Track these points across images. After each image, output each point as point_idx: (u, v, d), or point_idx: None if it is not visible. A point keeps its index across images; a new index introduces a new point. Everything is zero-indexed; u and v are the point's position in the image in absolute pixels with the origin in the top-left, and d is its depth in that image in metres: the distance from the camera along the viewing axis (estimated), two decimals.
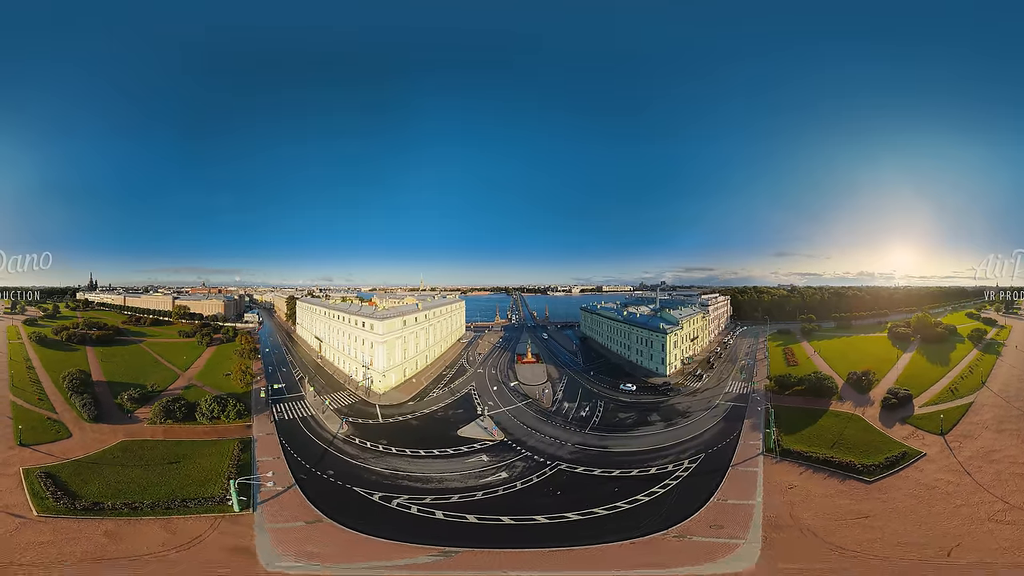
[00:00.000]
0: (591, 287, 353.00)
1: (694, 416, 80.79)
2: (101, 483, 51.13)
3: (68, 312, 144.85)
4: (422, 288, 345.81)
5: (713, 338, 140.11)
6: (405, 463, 64.07)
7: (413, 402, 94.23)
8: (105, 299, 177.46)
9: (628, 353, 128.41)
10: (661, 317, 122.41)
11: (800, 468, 54.93)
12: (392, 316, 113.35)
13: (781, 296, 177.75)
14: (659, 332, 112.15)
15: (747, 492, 51.37)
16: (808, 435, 61.23)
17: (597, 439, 73.42)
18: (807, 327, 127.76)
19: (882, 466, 52.41)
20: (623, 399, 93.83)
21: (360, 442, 70.86)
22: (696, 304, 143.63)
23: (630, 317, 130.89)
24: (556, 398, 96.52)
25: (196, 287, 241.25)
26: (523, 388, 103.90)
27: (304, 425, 76.90)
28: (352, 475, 59.60)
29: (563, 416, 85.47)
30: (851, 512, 45.25)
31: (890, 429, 63.58)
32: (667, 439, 71.22)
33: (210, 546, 43.31)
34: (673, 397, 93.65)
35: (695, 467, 59.09)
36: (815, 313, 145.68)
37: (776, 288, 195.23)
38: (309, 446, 68.38)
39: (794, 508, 47.28)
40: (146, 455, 58.77)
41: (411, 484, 57.90)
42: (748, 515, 46.75)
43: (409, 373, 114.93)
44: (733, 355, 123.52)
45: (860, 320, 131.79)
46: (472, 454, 67.83)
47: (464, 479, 59.93)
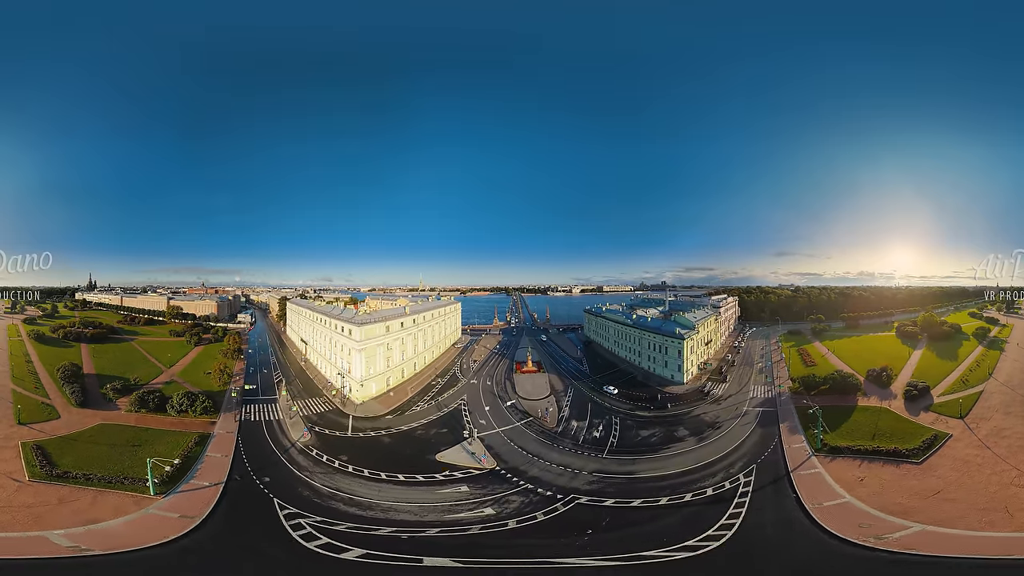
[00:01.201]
0: (591, 287, 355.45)
1: (725, 426, 78.41)
2: (74, 456, 61.02)
3: (66, 312, 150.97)
4: (421, 288, 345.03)
5: (724, 341, 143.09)
6: (357, 484, 59.74)
7: (392, 416, 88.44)
8: (103, 299, 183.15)
9: (639, 360, 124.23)
10: (675, 321, 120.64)
11: (856, 461, 59.75)
12: (372, 321, 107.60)
13: (787, 297, 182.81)
14: (675, 337, 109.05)
15: (828, 493, 52.94)
16: (846, 431, 67.70)
17: (619, 464, 65.92)
18: (817, 327, 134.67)
19: (922, 448, 60.15)
20: (641, 414, 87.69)
21: (317, 454, 68.73)
22: (708, 306, 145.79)
23: (640, 321, 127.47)
24: (562, 416, 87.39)
25: (196, 287, 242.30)
26: (523, 403, 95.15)
27: (267, 428, 78.92)
28: (285, 487, 57.99)
29: (572, 438, 76.78)
30: (925, 489, 52.29)
31: (916, 417, 71.33)
32: (706, 455, 67.63)
33: (86, 516, 49.35)
34: (696, 408, 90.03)
35: (753, 480, 57.77)
36: (822, 313, 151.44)
37: (780, 288, 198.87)
38: (262, 450, 69.86)
39: (885, 495, 51.36)
40: (115, 437, 68.05)
41: (345, 508, 53.34)
42: (861, 512, 48.79)
43: (394, 382, 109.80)
44: (748, 358, 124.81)
45: (867, 320, 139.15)
46: (449, 483, 60.67)
47: (423, 512, 52.90)
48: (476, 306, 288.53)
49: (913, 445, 60.94)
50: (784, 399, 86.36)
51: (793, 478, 57.42)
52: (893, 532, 44.27)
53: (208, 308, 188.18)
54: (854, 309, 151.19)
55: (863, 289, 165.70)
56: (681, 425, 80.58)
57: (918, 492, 51.67)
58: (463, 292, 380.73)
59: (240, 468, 62.98)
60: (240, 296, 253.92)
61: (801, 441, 67.43)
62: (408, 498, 56.65)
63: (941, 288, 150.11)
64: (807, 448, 64.74)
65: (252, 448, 70.00)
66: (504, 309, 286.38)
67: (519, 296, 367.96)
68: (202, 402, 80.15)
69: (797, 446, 66.16)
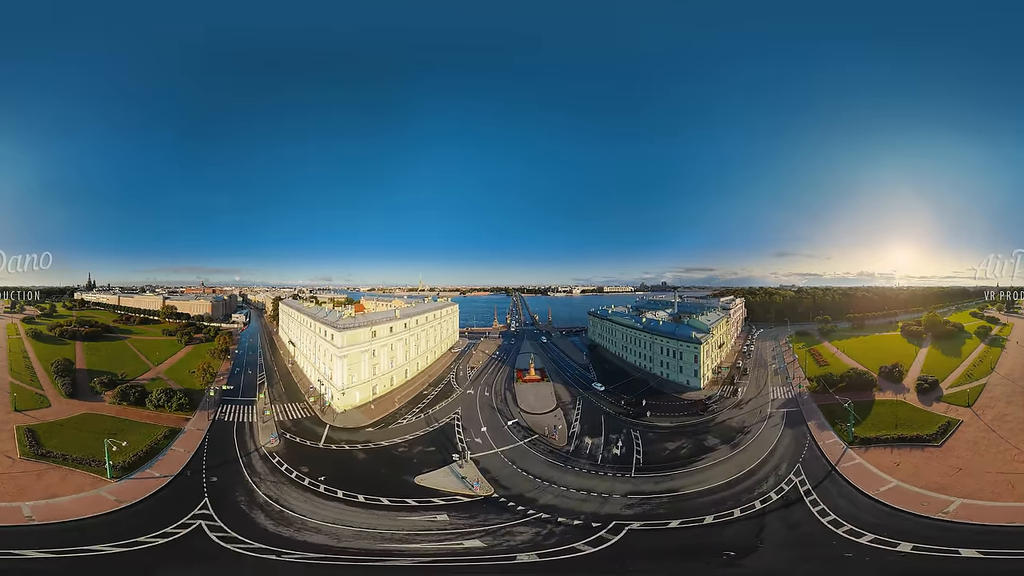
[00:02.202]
0: (592, 287, 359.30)
1: (754, 431, 79.49)
2: (58, 439, 69.61)
3: (64, 311, 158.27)
4: (421, 288, 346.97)
5: (732, 343, 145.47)
6: (304, 500, 57.77)
7: (373, 429, 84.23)
8: (101, 299, 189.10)
9: (650, 365, 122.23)
10: (689, 324, 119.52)
11: (887, 449, 67.19)
12: (356, 326, 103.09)
13: (792, 297, 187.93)
14: (691, 342, 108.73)
15: (877, 479, 59.09)
16: (870, 423, 75.02)
17: (655, 483, 62.74)
18: (825, 328, 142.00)
19: (940, 433, 68.84)
20: (662, 424, 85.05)
21: (278, 462, 68.61)
22: (718, 308, 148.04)
23: (652, 325, 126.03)
24: (573, 432, 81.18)
25: (196, 287, 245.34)
26: (526, 418, 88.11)
27: (237, 429, 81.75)
28: (225, 490, 59.44)
29: (588, 457, 71.43)
30: (949, 468, 61.11)
31: (929, 407, 79.81)
32: (746, 461, 68.09)
33: (53, 490, 56.99)
34: (718, 414, 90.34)
35: (805, 478, 61.04)
36: (828, 314, 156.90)
37: (782, 289, 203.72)
38: (224, 450, 72.73)
39: (922, 476, 58.86)
40: (96, 425, 75.46)
41: (266, 522, 52.27)
42: (914, 492, 55.63)
43: (381, 391, 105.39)
44: (761, 360, 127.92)
45: (872, 320, 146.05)
46: (423, 510, 55.23)
47: (375, 539, 48.58)
48: (475, 307, 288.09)
49: (932, 431, 69.63)
50: (805, 398, 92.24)
51: (841, 471, 63.13)
52: (945, 507, 52.39)
53: (202, 308, 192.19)
54: (858, 309, 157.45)
55: (866, 290, 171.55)
56: (709, 433, 79.86)
57: (945, 471, 60.04)
58: (463, 292, 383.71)
59: (196, 465, 67.31)
60: (237, 296, 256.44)
61: (832, 437, 74.00)
62: (361, 522, 52.05)
63: (941, 288, 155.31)
64: (840, 442, 71.57)
65: (216, 447, 73.88)
66: (504, 310, 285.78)
67: (519, 297, 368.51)
68: (179, 399, 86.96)
69: (830, 441, 72.65)
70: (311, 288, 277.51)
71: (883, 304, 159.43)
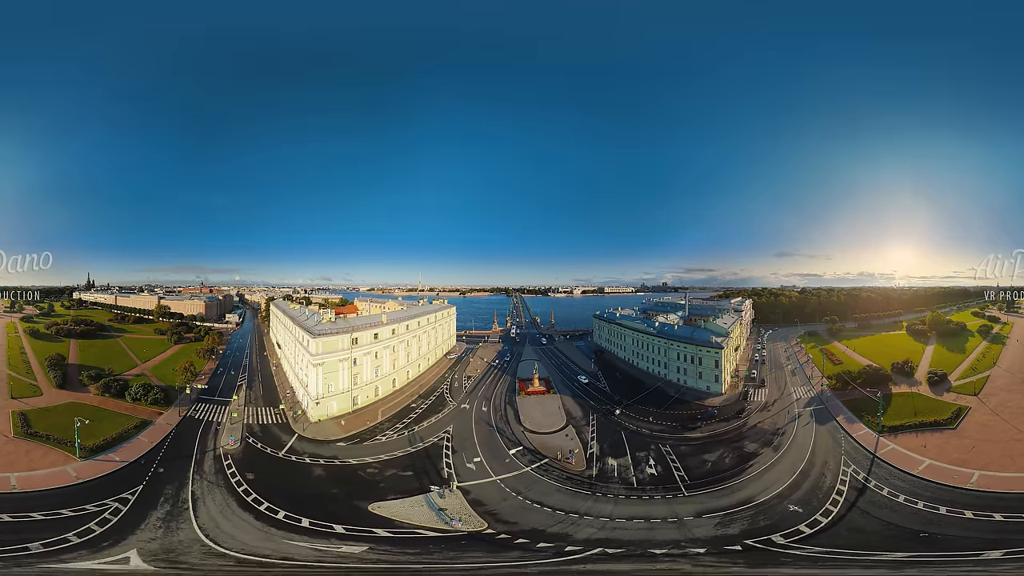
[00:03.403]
0: (592, 288, 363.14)
1: (788, 431, 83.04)
2: (45, 423, 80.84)
3: (62, 311, 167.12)
4: (420, 288, 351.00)
5: (744, 345, 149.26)
6: (220, 507, 57.06)
7: (346, 444, 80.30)
8: (98, 298, 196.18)
9: (665, 372, 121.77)
10: (707, 328, 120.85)
11: (912, 435, 77.19)
12: (334, 332, 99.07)
13: (799, 298, 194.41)
14: (711, 347, 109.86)
15: (913, 460, 68.83)
16: (893, 413, 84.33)
17: (719, 496, 60.74)
18: (833, 328, 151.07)
19: (953, 418, 79.94)
20: (693, 436, 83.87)
21: (227, 464, 71.02)
22: (731, 310, 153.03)
23: (667, 330, 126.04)
24: (591, 453, 74.27)
25: (195, 287, 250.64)
26: (532, 440, 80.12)
27: (203, 428, 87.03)
28: (161, 482, 63.56)
29: (621, 480, 65.12)
30: (965, 446, 71.83)
31: (941, 397, 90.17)
32: (795, 460, 71.28)
33: (34, 465, 67.50)
34: (748, 418, 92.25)
35: (854, 467, 67.78)
36: (834, 314, 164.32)
37: (783, 289, 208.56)
38: (183, 445, 78.17)
39: (947, 454, 69.49)
40: (79, 412, 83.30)
41: (158, 528, 53.55)
42: (945, 468, 65.49)
43: (363, 402, 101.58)
44: (776, 361, 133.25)
45: (878, 320, 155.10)
46: (351, 540, 47.79)
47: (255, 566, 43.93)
48: (475, 308, 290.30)
49: (947, 416, 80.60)
50: (827, 396, 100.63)
51: (881, 457, 72.37)
52: (969, 478, 63.24)
53: (196, 308, 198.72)
54: (863, 310, 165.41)
55: (870, 290, 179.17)
56: (745, 439, 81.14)
57: (962, 449, 70.95)
58: (462, 293, 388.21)
59: (153, 455, 74.53)
60: (234, 296, 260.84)
61: (862, 428, 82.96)
62: (262, 545, 48.12)
63: (943, 288, 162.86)
64: (871, 432, 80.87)
65: (177, 442, 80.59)
66: (504, 312, 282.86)
67: (519, 298, 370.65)
68: (155, 394, 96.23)
69: (861, 433, 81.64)
70: (308, 288, 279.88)
71: (887, 304, 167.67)
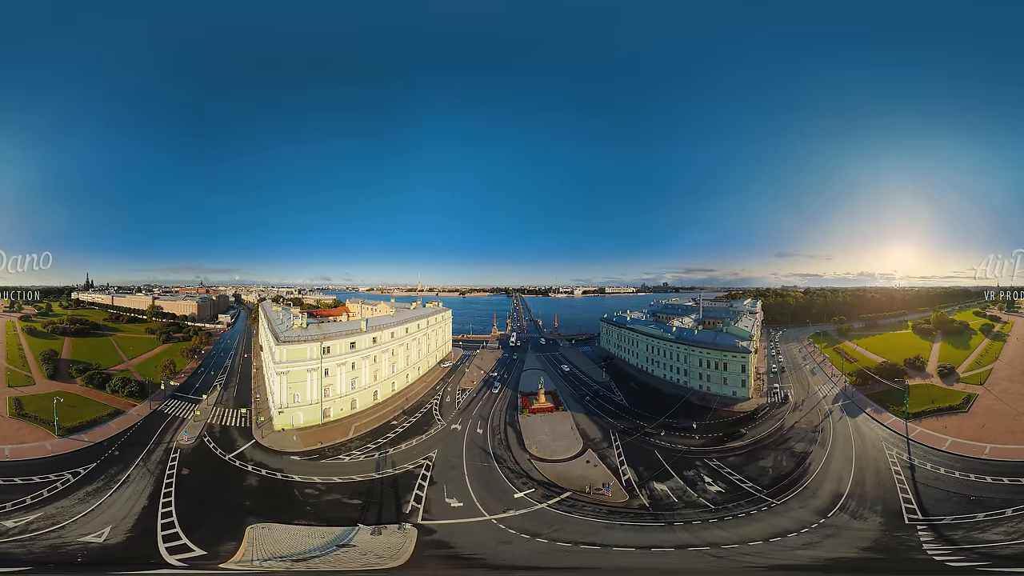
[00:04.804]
0: (593, 288, 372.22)
1: (825, 427, 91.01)
2: (36, 407, 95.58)
3: (60, 310, 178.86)
4: (419, 289, 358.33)
5: (760, 346, 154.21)
6: (128, 499, 62.72)
7: (300, 458, 76.75)
8: (95, 299, 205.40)
9: (685, 379, 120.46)
10: (730, 333, 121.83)
11: (933, 419, 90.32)
12: (302, 340, 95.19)
13: (805, 299, 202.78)
14: (738, 351, 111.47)
15: (939, 440, 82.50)
16: (912, 402, 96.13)
17: (806, 499, 63.66)
18: (842, 328, 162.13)
19: (964, 403, 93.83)
20: (734, 445, 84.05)
21: (171, 459, 77.00)
22: (746, 312, 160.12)
23: (685, 335, 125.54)
24: (627, 479, 65.70)
25: (195, 287, 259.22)
26: (544, 470, 68.72)
27: (168, 422, 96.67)
28: (110, 462, 75.07)
29: (685, 503, 58.68)
30: (976, 426, 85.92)
31: (952, 387, 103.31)
32: (847, 451, 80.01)
33: (22, 439, 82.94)
34: (784, 419, 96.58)
35: (900, 452, 78.25)
36: (840, 315, 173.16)
37: (788, 289, 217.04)
38: (144, 435, 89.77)
39: (964, 432, 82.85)
40: (63, 398, 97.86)
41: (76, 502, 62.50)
42: (966, 443, 79.15)
43: (336, 415, 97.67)
44: (793, 362, 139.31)
45: (883, 320, 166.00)
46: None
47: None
48: (474, 310, 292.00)
49: (959, 402, 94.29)
50: (851, 391, 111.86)
51: (914, 439, 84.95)
52: (983, 451, 77.96)
53: (188, 308, 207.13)
54: (868, 310, 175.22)
55: (875, 290, 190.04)
56: (790, 440, 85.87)
57: (975, 427, 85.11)
58: (462, 293, 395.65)
59: (116, 440, 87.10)
60: (229, 296, 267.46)
61: (890, 416, 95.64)
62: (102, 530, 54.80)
63: (944, 288, 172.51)
64: (898, 420, 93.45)
65: (140, 431, 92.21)
66: (504, 314, 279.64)
67: (520, 298, 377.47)
68: (131, 387, 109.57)
69: (890, 420, 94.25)
70: (307, 288, 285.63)
71: (891, 304, 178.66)
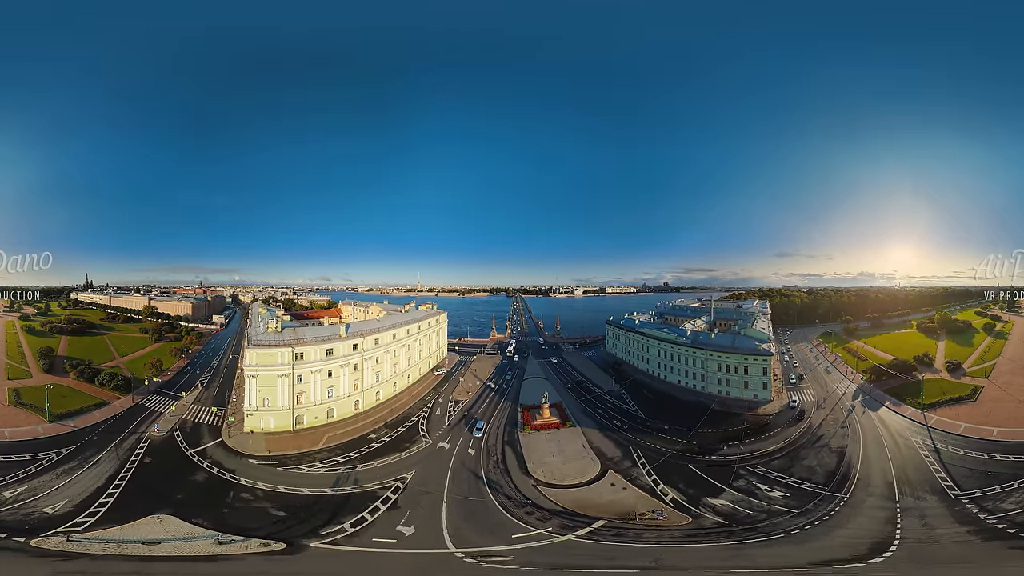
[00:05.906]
0: (593, 288, 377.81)
1: (851, 422, 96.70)
2: (30, 396, 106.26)
3: (58, 310, 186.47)
4: (419, 289, 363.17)
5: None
6: (84, 479, 72.33)
7: (259, 463, 76.05)
8: (93, 299, 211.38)
9: (703, 384, 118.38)
10: (748, 335, 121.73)
11: (946, 408, 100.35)
12: (274, 344, 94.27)
13: (810, 299, 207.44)
14: (759, 355, 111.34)
15: (954, 426, 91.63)
16: (926, 394, 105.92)
17: (869, 487, 70.32)
18: (849, 327, 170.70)
19: (972, 394, 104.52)
20: (771, 449, 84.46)
21: (139, 447, 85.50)
22: (759, 313, 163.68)
23: (701, 339, 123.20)
24: (671, 498, 61.15)
25: (194, 287, 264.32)
26: (557, 498, 61.64)
27: (145, 415, 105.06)
28: (87, 446, 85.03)
29: (758, 511, 56.87)
30: (983, 412, 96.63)
31: (960, 380, 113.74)
32: (878, 441, 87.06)
33: (19, 423, 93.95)
34: (810, 418, 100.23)
35: (923, 439, 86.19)
36: (846, 315, 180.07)
37: (790, 289, 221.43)
38: (122, 424, 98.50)
39: (974, 418, 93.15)
40: (55, 390, 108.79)
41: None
42: (978, 428, 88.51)
43: (310, 422, 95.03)
44: (806, 362, 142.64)
45: (888, 319, 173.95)
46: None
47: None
48: (473, 311, 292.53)
49: (967, 393, 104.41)
50: (867, 387, 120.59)
51: (932, 426, 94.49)
52: (991, 434, 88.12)
53: (183, 309, 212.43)
54: (872, 309, 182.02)
55: (878, 291, 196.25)
56: (823, 437, 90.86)
57: (983, 414, 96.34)
58: (462, 293, 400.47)
59: (97, 427, 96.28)
60: (226, 297, 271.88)
61: (908, 408, 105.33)
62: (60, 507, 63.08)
63: (945, 288, 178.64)
64: (916, 411, 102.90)
65: (119, 420, 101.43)
66: (504, 315, 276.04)
67: (520, 299, 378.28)
68: (116, 382, 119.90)
69: (909, 411, 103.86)
70: (306, 288, 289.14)
71: (894, 304, 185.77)
